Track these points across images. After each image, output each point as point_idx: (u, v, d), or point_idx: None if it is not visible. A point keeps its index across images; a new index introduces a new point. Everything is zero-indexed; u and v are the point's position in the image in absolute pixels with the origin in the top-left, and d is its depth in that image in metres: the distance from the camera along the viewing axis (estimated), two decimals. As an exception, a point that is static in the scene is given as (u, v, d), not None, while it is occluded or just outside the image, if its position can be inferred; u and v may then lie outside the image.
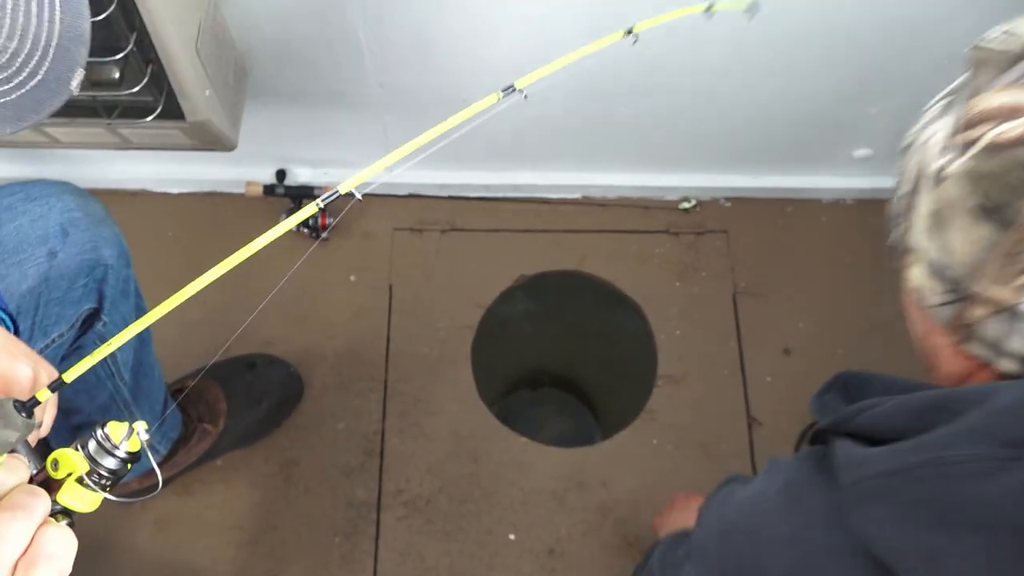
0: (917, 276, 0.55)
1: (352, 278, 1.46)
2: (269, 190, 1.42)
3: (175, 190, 1.51)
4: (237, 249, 1.72)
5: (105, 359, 0.94)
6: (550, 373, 1.91)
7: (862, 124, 1.35)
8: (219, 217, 1.49)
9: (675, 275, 1.48)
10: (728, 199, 1.52)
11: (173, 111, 1.02)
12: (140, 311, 1.03)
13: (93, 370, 0.96)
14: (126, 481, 1.18)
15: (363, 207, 1.49)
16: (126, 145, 1.12)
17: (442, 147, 1.53)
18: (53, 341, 0.86)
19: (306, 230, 1.45)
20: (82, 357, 0.94)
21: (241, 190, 1.48)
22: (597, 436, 1.85)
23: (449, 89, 1.30)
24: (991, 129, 0.49)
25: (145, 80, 0.96)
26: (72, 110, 1.02)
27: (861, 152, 1.43)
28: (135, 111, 1.02)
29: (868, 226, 1.45)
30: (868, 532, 0.50)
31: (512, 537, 1.30)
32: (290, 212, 1.45)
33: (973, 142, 0.50)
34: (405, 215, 1.50)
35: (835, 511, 0.52)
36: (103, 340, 0.93)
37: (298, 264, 1.21)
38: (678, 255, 1.49)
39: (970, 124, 0.51)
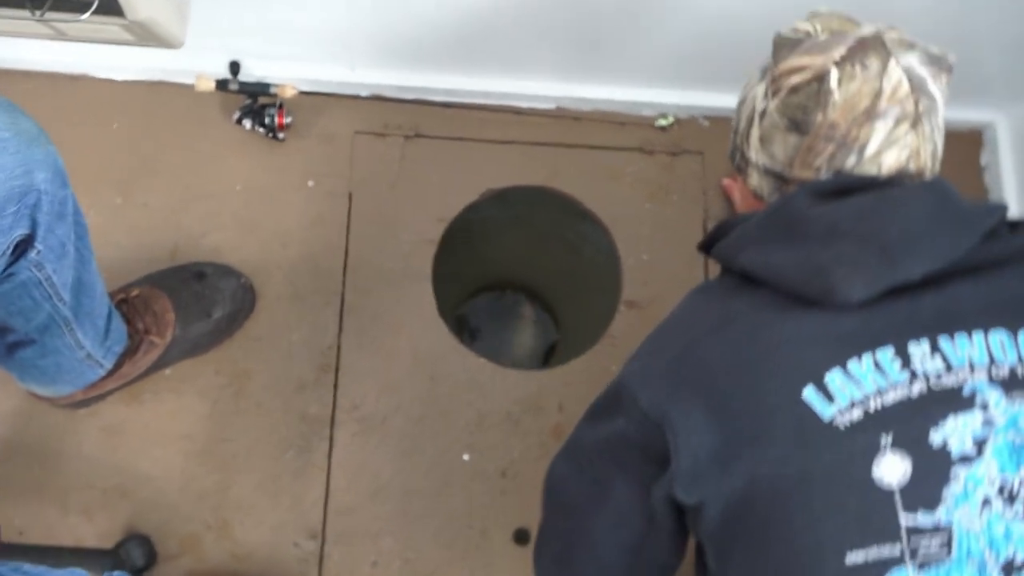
0: (755, 178, 0.88)
1: (310, 183, 1.39)
2: (222, 85, 1.32)
3: (120, 77, 1.40)
4: (187, 146, 1.62)
5: (40, 282, 0.89)
6: (514, 279, 1.89)
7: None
8: (168, 110, 1.39)
9: (646, 196, 1.43)
10: (707, 118, 1.46)
11: (111, 6, 0.93)
12: (80, 227, 0.96)
13: (28, 293, 0.91)
14: (70, 394, 1.14)
15: (322, 107, 1.40)
16: (61, 37, 1.02)
17: (410, 48, 1.43)
18: (-19, 270, 0.79)
19: (261, 130, 1.36)
20: (15, 284, 0.88)
21: (192, 81, 1.38)
22: (558, 343, 1.85)
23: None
24: (789, 79, 0.82)
25: (77, -26, 0.86)
26: (-3, 0, 0.92)
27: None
28: (69, 4, 0.92)
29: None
30: (745, 264, 0.81)
31: (466, 458, 1.30)
32: (246, 110, 1.36)
33: (780, 89, 0.83)
34: (368, 118, 1.41)
35: (717, 282, 0.88)
36: (38, 268, 0.87)
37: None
38: (651, 175, 1.44)
39: (776, 78, 0.83)
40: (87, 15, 0.91)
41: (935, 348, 0.73)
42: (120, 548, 1.18)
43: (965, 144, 1.48)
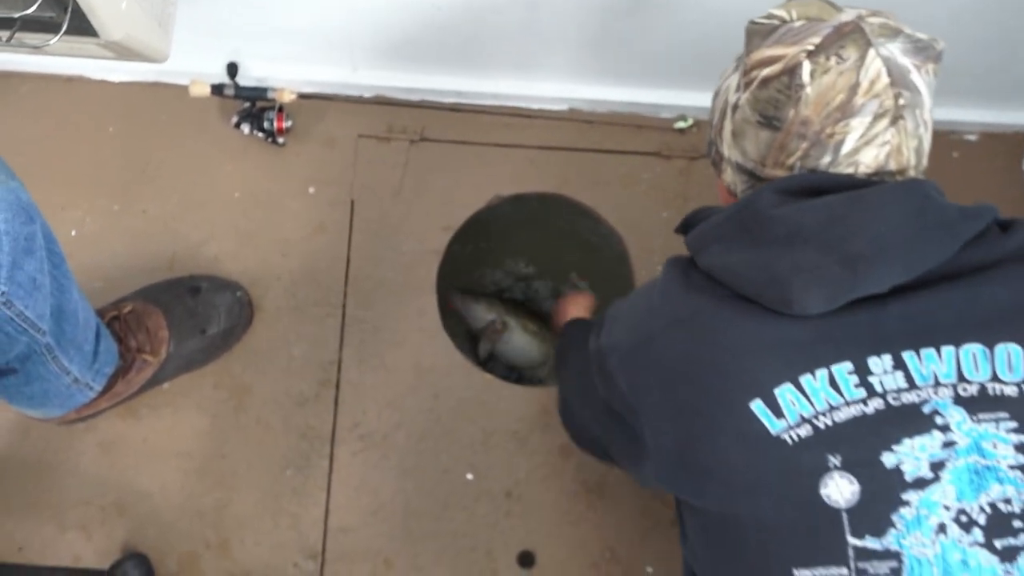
0: (729, 174, 0.83)
1: (311, 190, 1.34)
2: (217, 90, 1.27)
3: (115, 78, 1.36)
4: (185, 151, 1.57)
5: (11, 318, 0.85)
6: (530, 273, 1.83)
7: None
8: (165, 113, 1.35)
9: (663, 204, 1.36)
10: (729, 119, 1.38)
11: (83, 28, 0.88)
12: (55, 256, 0.92)
13: (1, 329, 0.88)
14: (62, 415, 1.12)
15: (324, 110, 1.35)
16: (40, 53, 0.97)
17: (414, 48, 1.36)
18: (-59, 317, 0.76)
19: (261, 134, 1.31)
20: (-18, 329, 0.85)
21: (189, 82, 1.33)
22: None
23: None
24: (761, 71, 0.76)
25: (41, -2, 0.80)
26: (-36, 23, 0.87)
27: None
28: (37, 26, 0.87)
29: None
30: (705, 263, 0.78)
31: (470, 477, 1.26)
32: (244, 114, 1.31)
33: (752, 81, 0.77)
34: (371, 121, 1.35)
35: (690, 264, 0.81)
36: (7, 305, 0.83)
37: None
38: (668, 181, 1.37)
39: (748, 70, 0.78)
40: (58, 37, 0.86)
41: (898, 363, 0.69)
42: (117, 568, 1.17)
43: (1007, 147, 1.39)
